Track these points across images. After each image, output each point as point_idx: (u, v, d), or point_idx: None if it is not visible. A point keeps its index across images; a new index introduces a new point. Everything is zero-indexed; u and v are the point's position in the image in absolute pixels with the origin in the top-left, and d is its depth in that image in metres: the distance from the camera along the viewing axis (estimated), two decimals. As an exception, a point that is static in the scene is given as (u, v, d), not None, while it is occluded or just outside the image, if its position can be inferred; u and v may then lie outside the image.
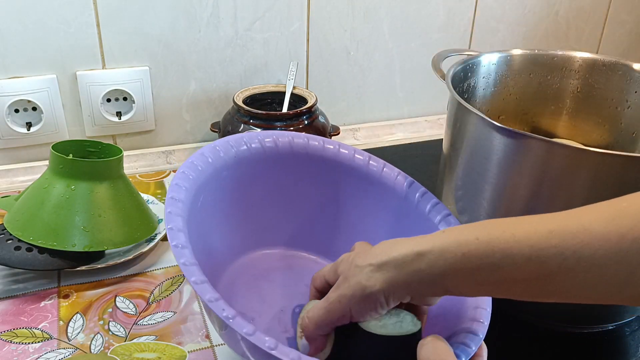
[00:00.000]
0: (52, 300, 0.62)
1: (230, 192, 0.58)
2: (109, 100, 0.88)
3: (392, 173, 0.61)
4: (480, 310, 0.48)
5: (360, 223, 0.63)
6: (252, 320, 0.55)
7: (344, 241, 0.62)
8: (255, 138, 0.60)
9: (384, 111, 1.06)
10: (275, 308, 0.57)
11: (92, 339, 0.57)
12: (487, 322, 0.47)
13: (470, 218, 0.59)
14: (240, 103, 0.85)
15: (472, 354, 0.44)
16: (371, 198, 0.62)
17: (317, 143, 0.62)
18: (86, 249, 0.63)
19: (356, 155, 0.62)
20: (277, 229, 0.64)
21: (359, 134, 1.03)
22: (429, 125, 1.07)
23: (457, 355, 0.41)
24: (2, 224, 0.66)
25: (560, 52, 0.71)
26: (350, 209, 0.63)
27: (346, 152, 0.62)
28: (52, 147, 0.66)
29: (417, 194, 0.59)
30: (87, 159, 0.66)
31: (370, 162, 0.62)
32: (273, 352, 0.39)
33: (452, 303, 0.49)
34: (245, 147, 0.59)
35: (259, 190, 0.61)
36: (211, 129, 0.88)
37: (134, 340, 0.57)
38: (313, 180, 0.63)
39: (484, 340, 0.45)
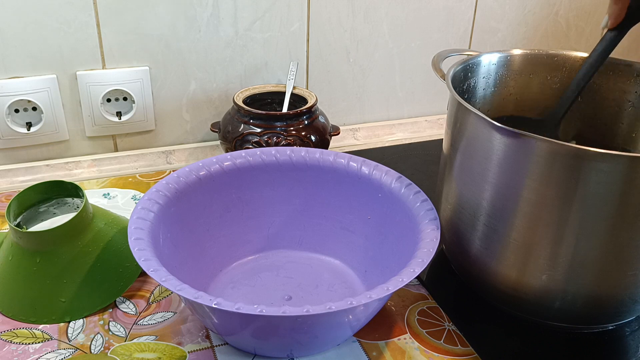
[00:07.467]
0: (52, 301, 0.62)
1: (180, 224, 0.61)
2: (109, 100, 0.88)
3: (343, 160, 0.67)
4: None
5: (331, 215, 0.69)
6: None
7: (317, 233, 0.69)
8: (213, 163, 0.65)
9: (384, 111, 1.06)
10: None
11: (92, 339, 0.57)
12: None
13: (470, 218, 0.59)
14: (240, 103, 0.85)
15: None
16: (337, 189, 0.67)
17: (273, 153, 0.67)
18: (67, 320, 0.59)
19: (318, 155, 0.68)
20: (248, 239, 0.68)
21: (359, 134, 1.03)
22: (429, 125, 1.07)
23: None
24: None
25: (560, 52, 0.71)
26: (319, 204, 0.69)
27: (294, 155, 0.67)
28: (11, 202, 0.60)
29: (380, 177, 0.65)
30: (40, 230, 0.59)
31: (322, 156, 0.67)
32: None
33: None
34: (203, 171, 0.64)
35: (217, 209, 0.65)
36: (211, 129, 0.88)
37: (134, 340, 0.57)
38: (275, 186, 0.68)
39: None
